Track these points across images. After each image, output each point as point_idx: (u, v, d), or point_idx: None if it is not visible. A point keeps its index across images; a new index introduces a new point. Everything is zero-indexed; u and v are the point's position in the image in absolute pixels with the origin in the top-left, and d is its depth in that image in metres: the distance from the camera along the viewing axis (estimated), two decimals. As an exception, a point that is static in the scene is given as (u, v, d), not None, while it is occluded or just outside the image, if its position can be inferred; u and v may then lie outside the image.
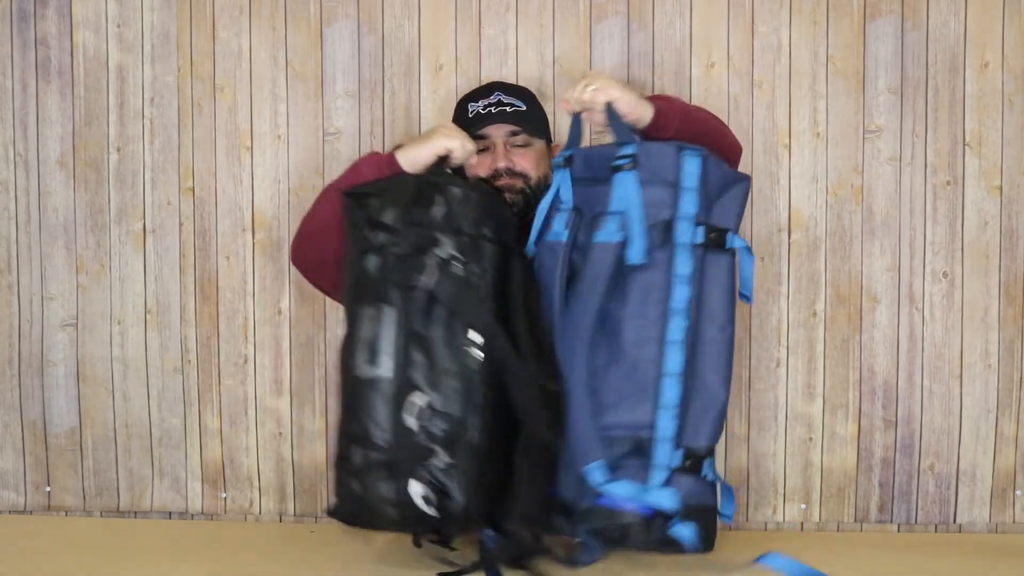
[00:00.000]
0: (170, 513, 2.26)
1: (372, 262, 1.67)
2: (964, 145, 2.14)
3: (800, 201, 2.16)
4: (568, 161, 1.77)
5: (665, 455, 1.67)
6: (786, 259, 2.16)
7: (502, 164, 1.95)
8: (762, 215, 2.16)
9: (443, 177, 1.74)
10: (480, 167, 1.96)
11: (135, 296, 2.25)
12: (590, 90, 1.73)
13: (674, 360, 1.67)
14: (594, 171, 1.74)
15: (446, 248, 1.66)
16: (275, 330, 2.23)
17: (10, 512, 2.26)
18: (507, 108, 1.96)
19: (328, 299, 2.20)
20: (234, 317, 2.23)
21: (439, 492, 1.63)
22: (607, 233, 1.69)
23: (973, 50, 2.13)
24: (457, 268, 1.67)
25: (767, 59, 2.16)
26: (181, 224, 2.24)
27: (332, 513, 1.70)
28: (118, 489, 2.26)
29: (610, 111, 1.74)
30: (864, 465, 2.17)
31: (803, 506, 2.17)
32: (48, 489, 2.27)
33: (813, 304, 2.17)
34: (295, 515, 2.24)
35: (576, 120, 1.80)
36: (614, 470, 1.68)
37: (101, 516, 2.26)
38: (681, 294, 1.68)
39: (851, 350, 2.16)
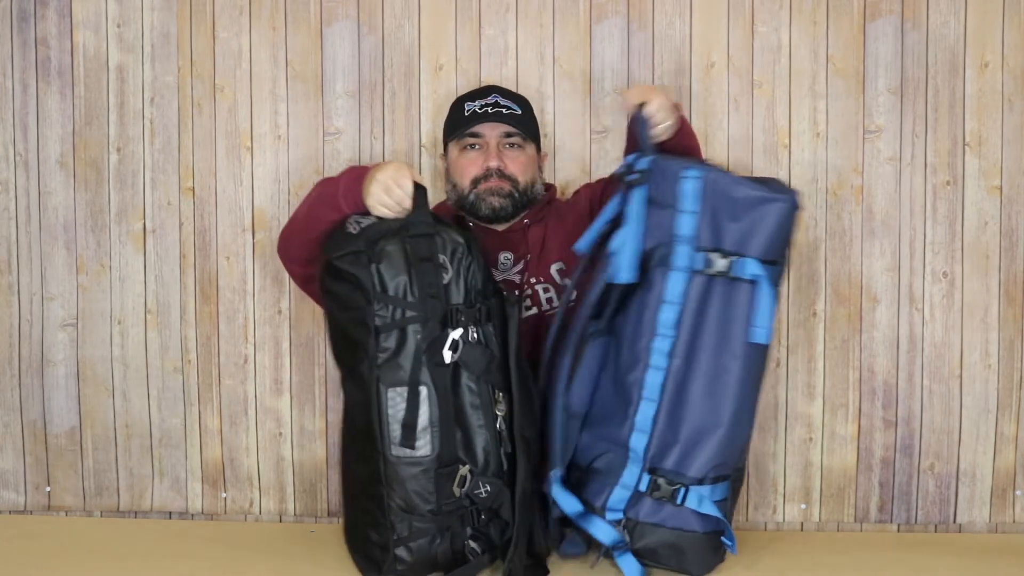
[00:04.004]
0: (170, 513, 2.25)
1: (392, 340, 1.66)
2: (964, 145, 2.14)
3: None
4: (644, 176, 1.70)
5: (632, 476, 1.69)
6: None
7: (494, 163, 1.95)
8: (762, 215, 2.16)
9: (430, 227, 1.68)
10: (472, 166, 1.96)
11: (135, 296, 2.24)
12: (635, 92, 1.77)
13: (652, 383, 1.67)
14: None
15: (464, 317, 1.67)
16: (275, 330, 2.23)
17: (10, 512, 2.26)
18: (503, 110, 1.97)
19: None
20: (234, 317, 2.23)
21: (486, 540, 1.71)
22: (612, 246, 1.70)
23: (973, 50, 2.13)
24: (476, 334, 1.69)
25: (767, 59, 2.16)
26: (181, 224, 2.23)
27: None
28: (118, 489, 2.26)
29: (640, 117, 1.73)
30: (864, 465, 2.17)
31: (803, 506, 2.17)
32: (48, 489, 2.26)
33: (813, 304, 2.16)
34: (295, 515, 2.24)
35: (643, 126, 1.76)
36: (586, 482, 1.72)
37: (101, 516, 2.26)
38: (666, 318, 1.66)
39: (851, 350, 2.16)
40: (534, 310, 1.96)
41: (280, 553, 1.90)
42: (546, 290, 1.96)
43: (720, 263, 1.64)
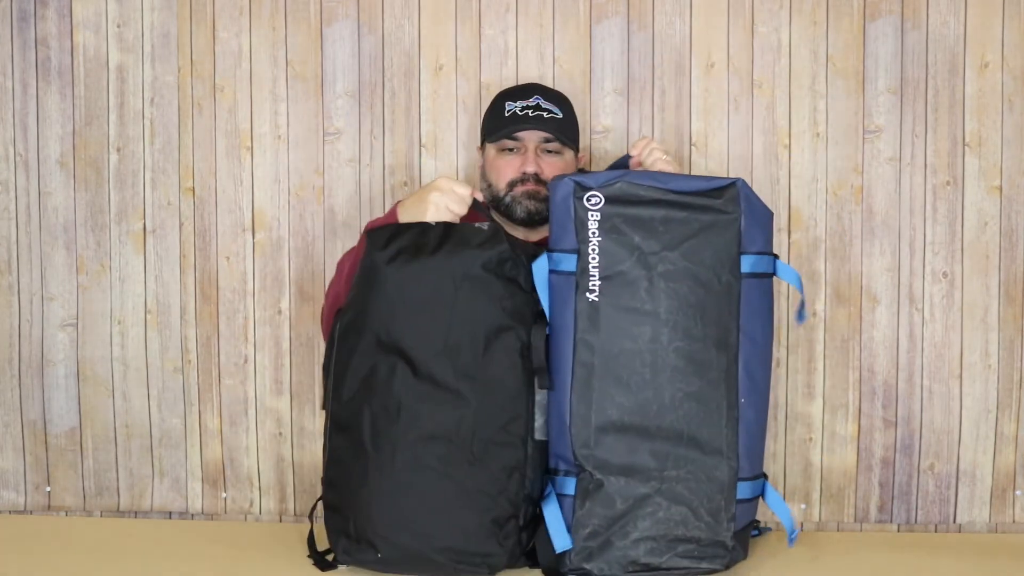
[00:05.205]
0: (170, 513, 2.26)
1: (539, 331, 1.75)
2: (964, 145, 2.14)
3: (800, 201, 2.16)
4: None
5: None
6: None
7: (531, 169, 1.95)
8: (762, 215, 2.16)
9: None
10: (508, 168, 1.96)
11: (135, 296, 2.25)
12: (657, 155, 1.87)
13: None
14: None
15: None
16: (275, 330, 2.23)
17: (10, 512, 2.26)
18: (544, 114, 1.96)
19: (328, 299, 2.20)
20: (234, 317, 2.23)
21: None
22: None
23: (973, 50, 2.13)
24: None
25: (767, 59, 2.16)
26: (181, 224, 2.24)
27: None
28: (118, 489, 2.26)
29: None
30: (864, 465, 2.17)
31: (803, 506, 2.17)
32: (48, 489, 2.26)
33: (813, 304, 2.16)
34: (295, 515, 2.24)
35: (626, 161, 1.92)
36: None
37: (101, 516, 2.26)
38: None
39: (851, 350, 2.16)
40: None
41: (280, 553, 1.90)
42: None
43: None
